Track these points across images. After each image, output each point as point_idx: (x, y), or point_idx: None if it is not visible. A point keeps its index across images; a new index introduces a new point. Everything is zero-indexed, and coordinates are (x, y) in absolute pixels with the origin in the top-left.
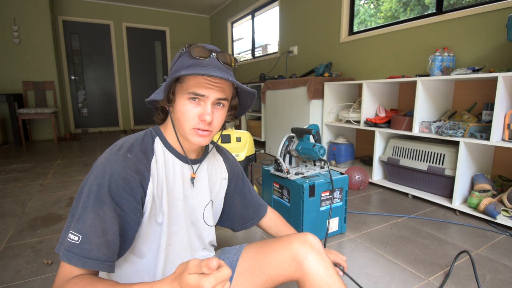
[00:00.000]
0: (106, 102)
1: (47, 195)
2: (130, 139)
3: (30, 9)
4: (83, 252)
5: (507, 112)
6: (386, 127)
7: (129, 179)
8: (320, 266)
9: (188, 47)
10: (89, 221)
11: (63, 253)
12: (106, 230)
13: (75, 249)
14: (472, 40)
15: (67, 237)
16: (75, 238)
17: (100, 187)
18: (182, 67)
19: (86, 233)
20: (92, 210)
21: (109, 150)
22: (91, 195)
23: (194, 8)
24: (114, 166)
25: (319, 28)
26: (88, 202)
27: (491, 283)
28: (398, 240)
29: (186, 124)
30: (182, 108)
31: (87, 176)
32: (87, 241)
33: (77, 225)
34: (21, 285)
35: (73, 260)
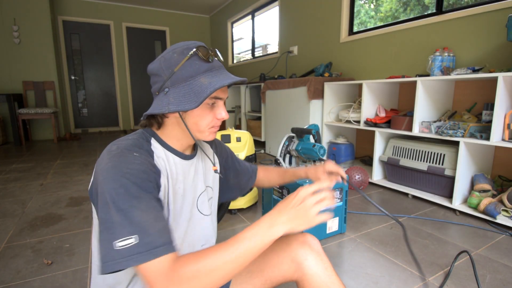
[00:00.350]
0: (106, 102)
1: (47, 195)
2: (124, 142)
3: (30, 9)
4: (148, 245)
5: (507, 112)
6: (386, 127)
7: (147, 172)
8: (319, 266)
9: (197, 49)
10: (137, 218)
11: (128, 260)
12: (157, 216)
13: (138, 249)
14: (472, 40)
15: (116, 247)
16: (131, 241)
17: (126, 187)
18: (199, 72)
19: (140, 230)
20: (133, 208)
21: (111, 157)
22: (121, 198)
23: (194, 8)
24: (128, 164)
25: (319, 28)
26: (122, 205)
27: (491, 283)
28: (398, 240)
29: (204, 127)
30: (202, 113)
31: (103, 185)
32: (146, 235)
33: (124, 229)
34: (21, 285)
35: (142, 257)
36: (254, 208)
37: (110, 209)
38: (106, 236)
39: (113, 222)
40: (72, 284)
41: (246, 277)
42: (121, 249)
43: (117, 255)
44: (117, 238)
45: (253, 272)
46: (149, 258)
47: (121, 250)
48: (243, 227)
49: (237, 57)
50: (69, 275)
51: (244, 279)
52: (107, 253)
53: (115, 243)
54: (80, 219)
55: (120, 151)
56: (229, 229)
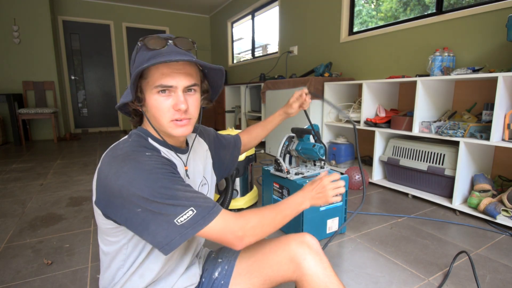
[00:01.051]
0: (106, 102)
1: (47, 195)
2: (127, 145)
3: (30, 9)
4: (206, 210)
5: (507, 112)
6: (386, 127)
7: (167, 164)
8: (318, 267)
9: (143, 40)
10: (183, 198)
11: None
12: (195, 191)
13: (200, 215)
14: (472, 40)
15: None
16: (189, 213)
17: (160, 180)
18: (142, 62)
19: (192, 202)
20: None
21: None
22: (160, 190)
23: (194, 8)
24: (150, 163)
25: (319, 28)
26: (165, 194)
27: (491, 283)
28: (398, 240)
29: (163, 119)
30: (154, 104)
31: (127, 189)
32: (198, 203)
33: (177, 209)
34: (21, 285)
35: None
36: None
37: (152, 202)
38: (160, 222)
39: (160, 209)
40: (72, 284)
41: (246, 277)
42: (184, 222)
43: (182, 229)
44: (174, 217)
45: (253, 272)
46: (212, 217)
47: (184, 223)
48: None
49: (237, 57)
50: (69, 275)
51: (243, 278)
52: (170, 232)
53: (176, 220)
54: (80, 219)
55: (133, 154)
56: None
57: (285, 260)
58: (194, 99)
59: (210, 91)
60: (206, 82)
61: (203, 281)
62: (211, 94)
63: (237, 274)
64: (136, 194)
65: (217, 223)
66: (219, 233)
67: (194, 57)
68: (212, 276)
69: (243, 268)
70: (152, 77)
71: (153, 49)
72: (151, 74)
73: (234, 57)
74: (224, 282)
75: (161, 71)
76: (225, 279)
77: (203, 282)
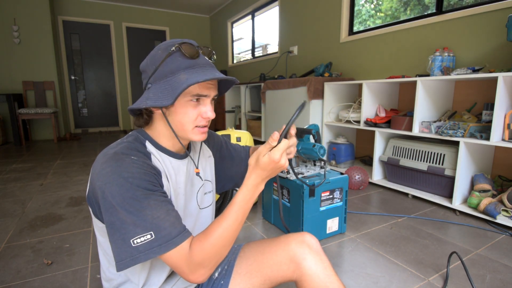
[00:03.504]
0: (106, 102)
1: (47, 195)
2: (120, 146)
3: (30, 9)
4: (164, 238)
5: (507, 112)
6: (386, 127)
7: (148, 173)
8: (318, 266)
9: (179, 46)
10: (149, 216)
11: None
12: (168, 210)
13: (156, 242)
14: (472, 40)
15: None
16: (147, 237)
17: (133, 190)
18: (179, 69)
19: (154, 225)
20: (144, 208)
21: (109, 161)
22: (129, 201)
23: (194, 8)
24: (128, 168)
25: (319, 28)
26: (131, 207)
27: (491, 283)
28: (398, 240)
29: (188, 125)
30: (184, 110)
31: (102, 191)
32: (161, 229)
33: (138, 228)
34: (21, 285)
35: (161, 249)
36: (254, 208)
37: (119, 211)
38: (118, 236)
39: (124, 222)
40: (72, 284)
41: (245, 277)
42: (139, 245)
43: (135, 251)
44: (132, 237)
45: (252, 272)
46: (169, 248)
47: (139, 246)
48: (243, 227)
49: (237, 57)
50: (69, 275)
51: (243, 279)
52: (123, 251)
53: (131, 241)
54: (80, 219)
55: (118, 156)
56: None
57: (285, 260)
58: (212, 108)
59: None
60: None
61: None
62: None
63: (236, 274)
64: (108, 198)
65: (173, 255)
66: (174, 265)
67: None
68: (211, 276)
69: (242, 268)
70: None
71: (190, 58)
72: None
73: (234, 57)
74: (224, 282)
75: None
76: (224, 279)
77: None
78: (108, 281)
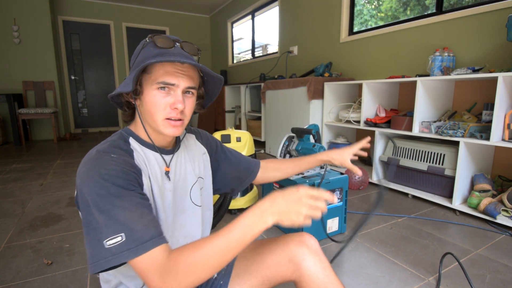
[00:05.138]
0: (106, 102)
1: (47, 195)
2: (103, 145)
3: (30, 9)
4: (136, 241)
5: (507, 112)
6: (386, 127)
7: (126, 171)
8: (317, 267)
9: (152, 37)
10: (122, 217)
11: (118, 257)
12: (142, 212)
13: (127, 246)
14: (472, 40)
15: (107, 245)
16: (118, 239)
17: (107, 188)
18: (148, 57)
19: (126, 227)
20: (116, 208)
21: (89, 160)
22: (102, 199)
23: (194, 8)
24: (106, 165)
25: (319, 28)
26: (104, 206)
27: (491, 283)
28: (398, 240)
29: (157, 115)
30: (152, 99)
31: (82, 188)
32: (133, 231)
33: (110, 229)
34: (21, 285)
35: (132, 253)
36: None
37: (93, 211)
38: (93, 236)
39: (98, 222)
40: (72, 284)
41: (245, 277)
42: (111, 247)
43: (108, 253)
44: (105, 238)
45: (252, 272)
46: (139, 253)
47: (111, 248)
48: None
49: (237, 57)
50: (69, 275)
51: (242, 279)
52: (97, 253)
53: (105, 242)
54: (80, 219)
55: (98, 154)
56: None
57: (284, 261)
58: (190, 101)
59: (205, 98)
60: (202, 89)
61: None
62: (205, 100)
63: (236, 274)
64: (84, 196)
65: (142, 261)
66: (142, 272)
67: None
68: None
69: (242, 269)
70: (155, 73)
71: (161, 47)
72: (155, 70)
73: (234, 57)
74: (223, 283)
75: (166, 69)
76: (224, 279)
77: (202, 283)
78: (106, 282)
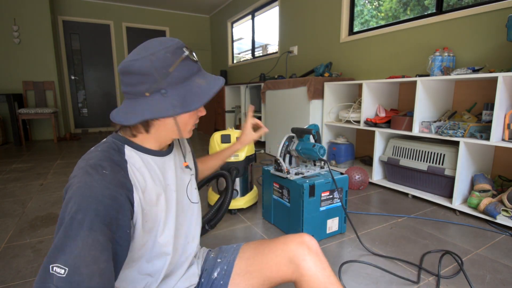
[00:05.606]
0: (106, 102)
1: (47, 195)
2: (93, 155)
3: (30, 9)
4: (72, 285)
5: (507, 112)
6: (386, 127)
7: (115, 196)
8: (317, 267)
9: (188, 49)
10: (77, 251)
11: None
12: (97, 257)
13: (63, 283)
14: (472, 40)
15: (53, 270)
16: (61, 271)
17: (86, 213)
18: (192, 73)
19: (73, 265)
20: (80, 239)
21: (79, 172)
22: (74, 224)
23: (194, 8)
24: (95, 187)
25: (319, 28)
26: (71, 231)
27: (491, 283)
28: (398, 240)
29: (190, 125)
30: (186, 121)
31: (64, 204)
32: (76, 273)
33: (63, 256)
34: (21, 285)
35: None
36: (254, 208)
37: (61, 230)
38: (47, 256)
39: (56, 244)
40: None
41: (245, 277)
42: (54, 274)
43: (49, 279)
44: (54, 262)
45: (252, 272)
46: None
47: (54, 275)
48: (243, 227)
49: (237, 57)
50: None
51: (242, 279)
52: (41, 273)
53: (51, 266)
54: None
55: (88, 169)
56: (229, 229)
57: (284, 261)
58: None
59: None
60: None
61: (202, 282)
62: None
63: (236, 274)
64: (63, 212)
65: None
66: None
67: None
68: (211, 276)
69: (242, 269)
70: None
71: (195, 62)
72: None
73: (234, 57)
74: (224, 283)
75: None
76: (224, 279)
77: (202, 283)
78: None
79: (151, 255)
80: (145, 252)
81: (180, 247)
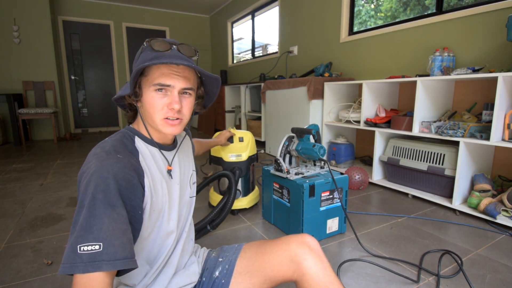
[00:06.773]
0: (106, 102)
1: (47, 195)
2: (109, 143)
3: (30, 9)
4: (109, 256)
5: (507, 112)
6: (386, 127)
7: (129, 178)
8: (318, 267)
9: (149, 41)
10: (105, 226)
11: (86, 265)
12: (125, 230)
13: (100, 256)
14: (472, 40)
15: (81, 250)
16: (95, 247)
17: (106, 192)
18: (145, 61)
19: (106, 238)
20: (105, 216)
21: (94, 159)
22: (97, 203)
23: (194, 8)
24: (111, 168)
25: (319, 28)
26: (96, 210)
27: (491, 283)
28: (398, 240)
29: (156, 115)
30: (150, 100)
31: (84, 187)
32: (110, 245)
33: (91, 235)
34: (21, 285)
35: (103, 266)
36: (255, 209)
37: (84, 212)
38: (72, 237)
39: (82, 225)
40: (72, 284)
41: (246, 276)
42: (83, 253)
43: (78, 259)
44: (82, 242)
45: (253, 272)
46: (108, 268)
47: (83, 254)
48: (245, 227)
49: (237, 57)
50: (69, 275)
51: (244, 278)
52: (68, 255)
53: (79, 246)
54: None
55: (104, 154)
56: (229, 229)
57: (286, 260)
58: (188, 101)
59: (205, 98)
60: (202, 89)
61: (203, 280)
62: (205, 100)
63: (237, 273)
64: (80, 196)
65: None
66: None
67: (194, 64)
68: (212, 275)
69: (243, 268)
70: (152, 75)
71: (157, 51)
72: (152, 73)
73: (234, 57)
74: (225, 281)
75: (161, 71)
76: (225, 278)
77: (203, 281)
78: None
79: (154, 246)
80: (147, 244)
81: (182, 239)
